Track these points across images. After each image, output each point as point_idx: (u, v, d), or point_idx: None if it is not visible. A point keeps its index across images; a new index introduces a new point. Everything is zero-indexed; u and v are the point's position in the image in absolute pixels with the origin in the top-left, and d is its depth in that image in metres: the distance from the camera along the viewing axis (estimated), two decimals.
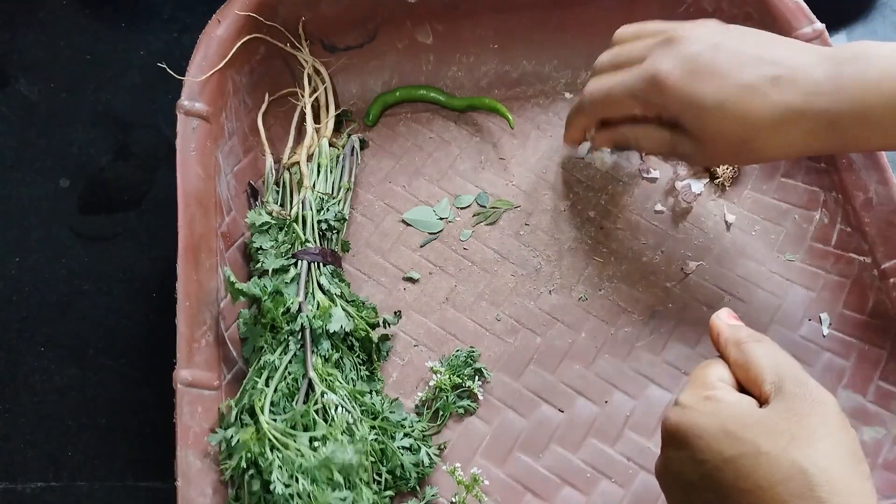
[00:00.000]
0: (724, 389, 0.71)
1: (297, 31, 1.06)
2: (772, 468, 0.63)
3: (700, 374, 0.74)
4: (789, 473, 0.63)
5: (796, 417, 0.66)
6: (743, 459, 0.65)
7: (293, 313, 0.88)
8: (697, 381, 0.73)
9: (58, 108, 1.15)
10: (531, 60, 1.14)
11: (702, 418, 0.69)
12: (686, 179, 1.06)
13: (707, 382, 0.72)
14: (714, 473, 0.67)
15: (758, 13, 1.04)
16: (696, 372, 0.75)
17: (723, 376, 0.73)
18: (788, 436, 0.65)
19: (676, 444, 0.71)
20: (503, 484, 0.90)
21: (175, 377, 0.83)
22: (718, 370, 0.74)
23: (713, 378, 0.73)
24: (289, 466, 0.79)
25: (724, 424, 0.67)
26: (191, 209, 0.90)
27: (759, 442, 0.65)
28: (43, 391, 0.99)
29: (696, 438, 0.68)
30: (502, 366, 0.96)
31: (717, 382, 0.72)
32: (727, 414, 0.68)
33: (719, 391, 0.71)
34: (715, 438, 0.67)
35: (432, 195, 1.06)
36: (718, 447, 0.67)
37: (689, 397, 0.71)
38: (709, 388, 0.72)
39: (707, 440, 0.67)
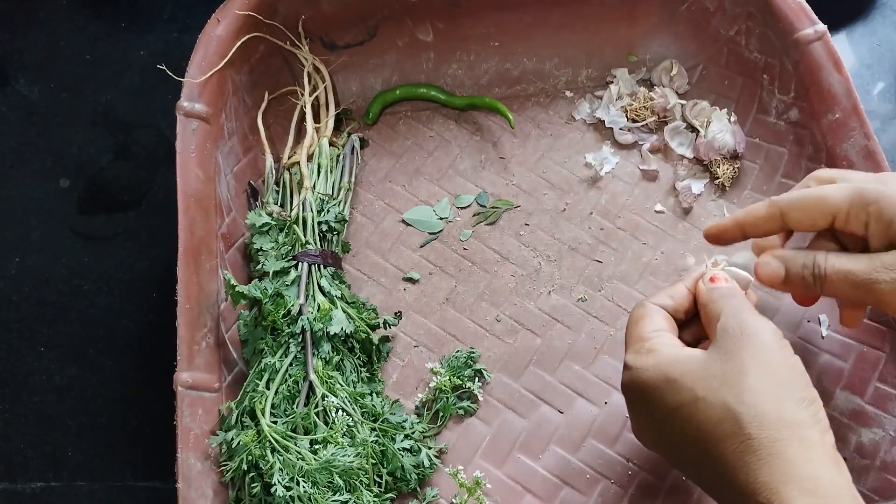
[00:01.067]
0: (660, 338, 0.74)
1: (296, 29, 1.06)
2: (708, 411, 0.66)
3: (635, 330, 0.76)
4: (722, 415, 0.65)
5: (727, 356, 0.68)
6: (684, 408, 0.67)
7: (294, 315, 0.88)
8: (634, 337, 0.76)
9: (58, 108, 1.15)
10: (532, 58, 1.13)
11: (645, 374, 0.71)
12: (686, 180, 1.06)
13: (643, 335, 0.75)
14: (666, 424, 0.69)
15: (760, 13, 1.04)
16: (630, 328, 0.77)
17: (658, 325, 0.75)
18: (720, 377, 0.67)
19: (631, 402, 0.75)
20: (503, 485, 0.90)
21: (175, 379, 0.83)
22: (653, 321, 0.76)
23: (648, 330, 0.75)
24: (290, 469, 0.79)
25: (666, 373, 0.70)
26: (191, 212, 0.90)
27: (695, 388, 0.67)
28: (43, 391, 0.99)
29: (646, 395, 0.71)
30: (502, 367, 0.96)
31: (653, 333, 0.74)
32: (666, 363, 0.70)
33: (657, 342, 0.73)
34: (659, 390, 0.70)
35: (432, 195, 1.06)
36: (663, 398, 0.69)
37: (632, 357, 0.74)
38: (646, 341, 0.74)
39: (653, 394, 0.70)
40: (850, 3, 1.23)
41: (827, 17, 1.00)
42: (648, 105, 1.10)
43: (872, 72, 1.18)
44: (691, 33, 1.12)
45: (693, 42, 1.12)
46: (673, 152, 1.09)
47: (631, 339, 0.76)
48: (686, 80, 1.12)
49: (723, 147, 1.06)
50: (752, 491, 0.62)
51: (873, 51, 1.19)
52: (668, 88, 1.12)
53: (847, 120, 0.97)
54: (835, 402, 0.93)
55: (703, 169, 1.08)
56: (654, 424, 0.73)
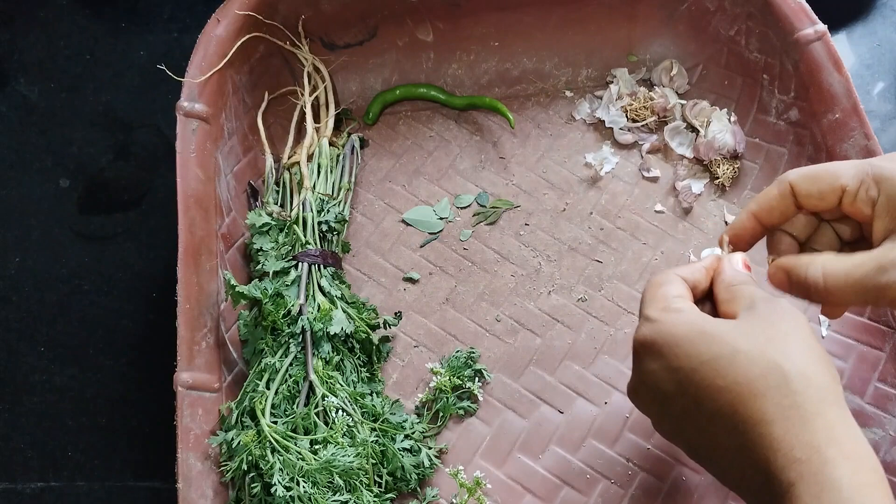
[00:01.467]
0: (686, 303, 0.72)
1: (296, 29, 1.06)
2: (750, 364, 0.65)
3: (657, 291, 0.74)
4: (767, 368, 0.64)
5: (768, 323, 0.67)
6: (720, 359, 0.66)
7: (294, 316, 0.88)
8: (656, 296, 0.74)
9: (58, 108, 1.15)
10: (532, 58, 1.13)
11: (675, 327, 0.70)
12: (686, 180, 1.06)
13: (668, 297, 0.73)
14: (691, 376, 0.67)
15: (760, 13, 1.04)
16: (652, 290, 0.75)
17: (681, 293, 0.74)
18: (764, 337, 0.66)
19: (651, 357, 0.71)
20: (503, 485, 0.90)
21: (176, 379, 0.83)
22: (676, 287, 0.74)
23: (672, 295, 0.73)
24: (290, 469, 0.79)
25: (701, 327, 0.68)
26: (191, 212, 0.90)
27: (736, 342, 0.66)
28: (43, 391, 0.99)
29: (673, 346, 0.69)
30: (502, 367, 0.96)
31: (676, 297, 0.73)
32: (700, 319, 0.69)
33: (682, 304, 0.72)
34: (691, 343, 0.68)
35: (432, 194, 1.06)
36: (696, 350, 0.68)
37: (656, 311, 0.72)
38: (671, 301, 0.72)
39: (684, 346, 0.68)
40: (850, 3, 1.23)
41: (827, 17, 1.00)
42: (648, 105, 1.10)
43: (872, 72, 1.18)
44: (691, 33, 1.12)
45: (693, 42, 1.12)
46: (673, 152, 1.09)
47: (652, 298, 0.74)
48: (686, 79, 1.12)
49: (723, 147, 1.06)
50: (789, 446, 0.61)
51: (873, 51, 1.19)
52: (668, 88, 1.12)
53: (847, 120, 0.97)
54: None
55: (703, 169, 1.08)
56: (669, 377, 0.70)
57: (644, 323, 0.72)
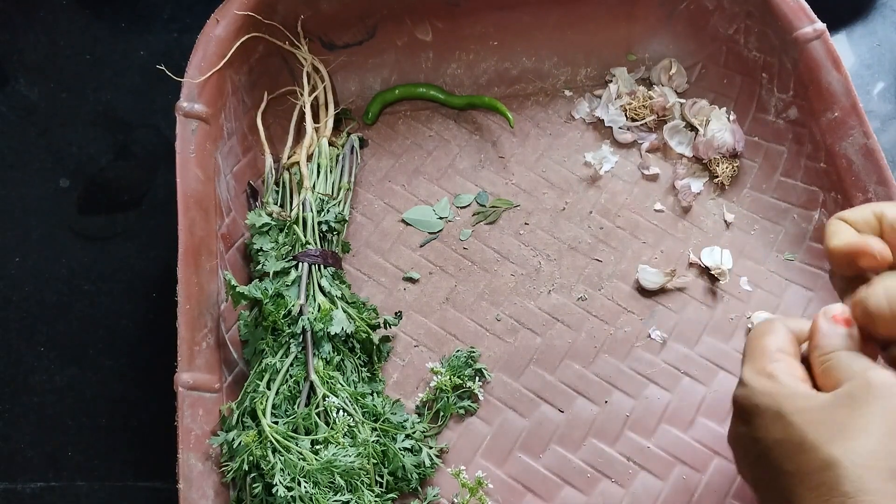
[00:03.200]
0: (784, 364, 0.70)
1: (295, 29, 1.06)
2: (811, 456, 0.63)
3: (758, 343, 0.72)
4: (824, 463, 0.62)
5: (850, 409, 0.64)
6: (788, 444, 0.65)
7: (294, 316, 0.88)
8: (757, 351, 0.71)
9: (58, 108, 1.15)
10: (531, 57, 1.13)
11: (760, 398, 0.68)
12: (686, 178, 1.06)
13: (767, 353, 0.71)
14: (767, 452, 0.66)
15: (759, 12, 1.04)
16: (754, 341, 0.72)
17: (783, 346, 0.71)
18: (837, 426, 0.63)
19: (741, 420, 0.70)
20: (504, 484, 0.90)
21: (176, 380, 0.83)
22: (778, 339, 0.72)
23: (773, 349, 0.71)
24: (291, 469, 0.79)
25: (780, 406, 0.66)
26: (191, 213, 0.90)
27: (805, 429, 0.64)
28: (43, 391, 0.99)
29: (755, 417, 0.68)
30: (502, 366, 0.96)
31: (777, 354, 0.70)
32: (784, 395, 0.67)
33: (779, 367, 0.69)
34: (770, 419, 0.66)
35: (432, 194, 1.06)
36: (772, 427, 0.66)
37: (750, 374, 0.70)
38: (768, 361, 0.70)
39: (764, 420, 0.67)
40: (850, 3, 1.23)
41: (827, 17, 1.00)
42: (647, 104, 1.10)
43: (872, 72, 1.18)
44: (690, 32, 1.12)
45: (692, 41, 1.12)
46: (672, 151, 1.09)
47: (753, 353, 0.72)
48: (685, 78, 1.12)
49: (722, 146, 1.06)
50: None
51: (873, 51, 1.19)
52: (667, 87, 1.12)
53: (846, 118, 0.97)
54: None
55: (703, 167, 1.08)
56: (751, 445, 0.69)
57: (739, 383, 0.71)
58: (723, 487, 0.89)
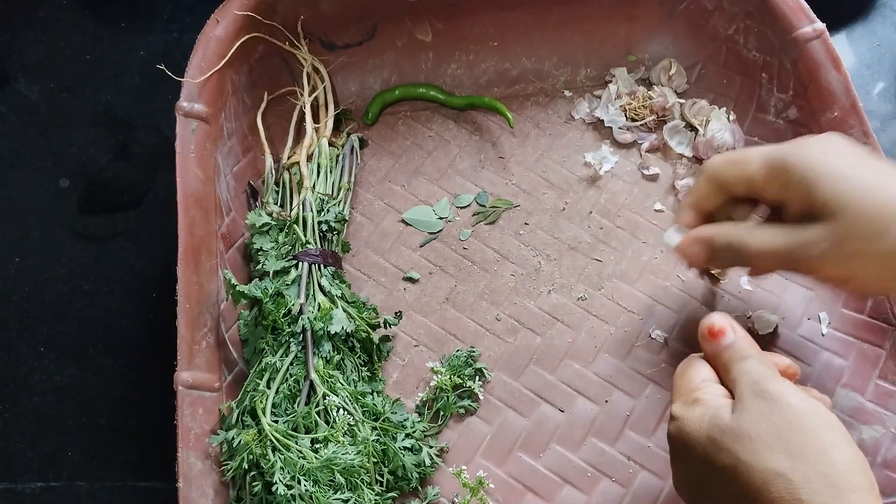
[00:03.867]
0: (709, 389, 0.73)
1: (295, 29, 1.06)
2: (752, 475, 0.64)
3: (684, 380, 0.75)
4: (769, 478, 0.63)
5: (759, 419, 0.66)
6: (728, 469, 0.66)
7: (294, 315, 0.88)
8: (682, 388, 0.75)
9: (58, 108, 1.15)
10: (531, 58, 1.14)
11: (690, 426, 0.70)
12: (685, 178, 1.06)
13: (692, 387, 0.74)
14: (709, 481, 0.68)
15: (758, 12, 1.04)
16: (678, 380, 0.76)
17: (705, 376, 0.75)
18: (760, 438, 0.65)
19: (677, 455, 0.73)
20: (504, 484, 0.90)
21: (176, 379, 0.83)
22: (701, 371, 0.75)
23: (696, 381, 0.74)
24: (291, 468, 0.79)
25: (709, 432, 0.68)
26: (191, 212, 0.90)
27: (736, 450, 0.66)
28: (43, 391, 0.99)
29: (690, 450, 0.70)
30: (502, 366, 0.96)
31: (701, 383, 0.74)
32: (709, 417, 0.69)
33: (704, 392, 0.72)
34: (703, 447, 0.68)
35: (432, 194, 1.06)
36: (707, 457, 0.68)
37: (679, 407, 0.73)
38: (694, 391, 0.73)
39: (698, 450, 0.69)
40: (850, 3, 1.23)
41: (827, 17, 1.00)
42: (647, 104, 1.10)
43: (872, 72, 1.18)
44: (690, 32, 1.12)
45: (692, 41, 1.12)
46: (672, 151, 1.09)
47: (677, 390, 0.75)
48: (685, 78, 1.12)
49: (722, 146, 1.06)
50: None
51: (873, 51, 1.19)
52: (666, 87, 1.12)
53: (846, 118, 0.97)
54: (835, 399, 0.93)
55: None
56: (697, 478, 0.71)
57: (670, 420, 0.73)
58: None
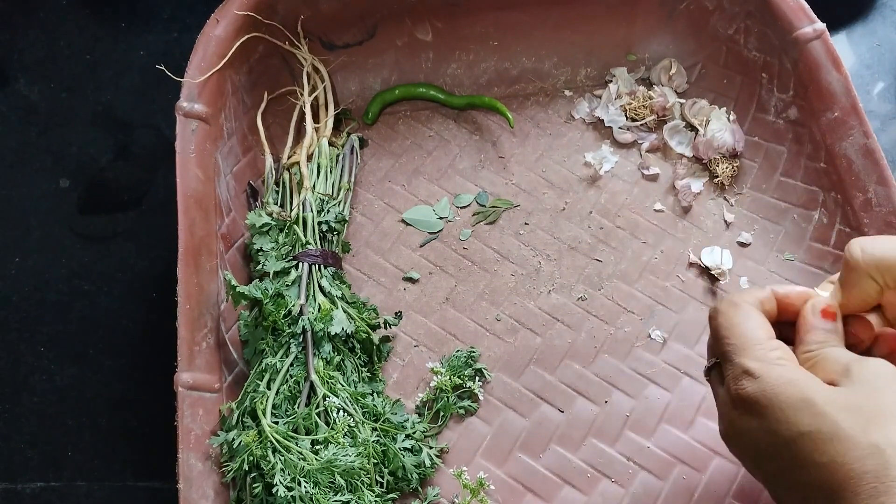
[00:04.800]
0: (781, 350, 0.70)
1: (295, 29, 1.06)
2: (849, 445, 0.62)
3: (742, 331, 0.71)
4: (866, 451, 0.62)
5: (872, 396, 0.64)
6: (821, 434, 0.64)
7: (294, 316, 0.88)
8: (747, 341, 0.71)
9: (58, 108, 1.15)
10: (531, 57, 1.13)
11: (780, 388, 0.67)
12: (685, 178, 1.06)
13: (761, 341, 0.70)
14: (790, 445, 0.65)
15: (759, 12, 1.04)
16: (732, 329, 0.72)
17: (769, 331, 0.71)
18: (868, 414, 0.63)
19: (750, 415, 0.69)
20: (504, 484, 0.90)
21: (176, 380, 0.83)
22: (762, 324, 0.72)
23: (762, 336, 0.71)
24: (291, 469, 0.79)
25: (805, 393, 0.66)
26: (191, 212, 0.90)
27: (839, 418, 0.63)
28: (43, 391, 0.99)
29: (776, 410, 0.67)
30: (502, 366, 0.96)
31: (771, 341, 0.70)
32: (804, 381, 0.67)
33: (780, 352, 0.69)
34: (795, 410, 0.65)
35: (432, 194, 1.06)
36: (798, 419, 0.65)
37: (758, 364, 0.69)
38: (768, 349, 0.70)
39: (787, 412, 0.66)
40: (850, 3, 1.23)
41: (827, 17, 1.00)
42: (647, 104, 1.10)
43: (872, 72, 1.18)
44: (690, 32, 1.12)
45: (692, 41, 1.12)
46: (672, 151, 1.09)
47: (742, 343, 0.71)
48: (685, 78, 1.12)
49: (722, 146, 1.06)
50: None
51: (873, 51, 1.19)
52: (667, 87, 1.12)
53: (846, 118, 0.98)
54: None
55: (703, 168, 1.08)
56: (770, 440, 0.68)
57: (744, 377, 0.69)
58: (723, 487, 0.89)
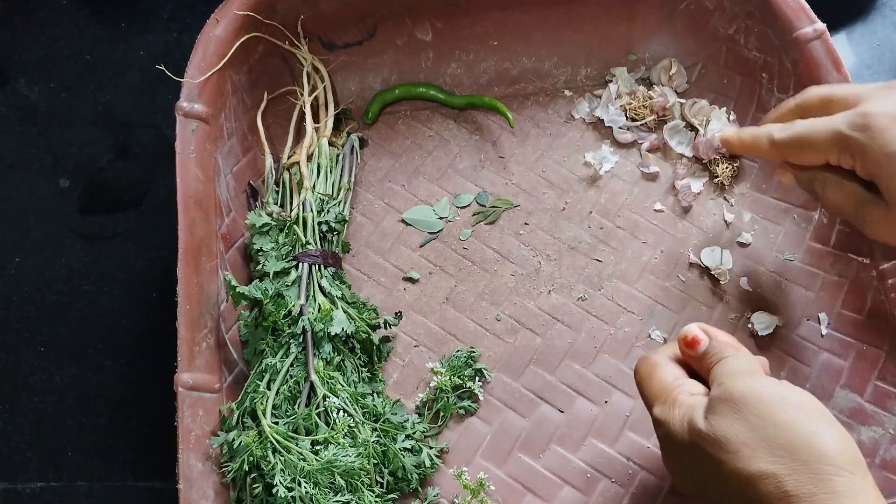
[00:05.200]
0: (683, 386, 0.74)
1: (295, 28, 1.06)
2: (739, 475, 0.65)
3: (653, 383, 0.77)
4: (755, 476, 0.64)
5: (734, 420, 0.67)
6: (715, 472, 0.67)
7: (294, 316, 0.88)
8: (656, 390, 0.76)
9: (58, 108, 1.15)
10: (531, 57, 1.13)
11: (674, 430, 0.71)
12: (685, 178, 1.06)
13: (666, 385, 0.75)
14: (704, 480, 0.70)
15: (759, 12, 1.04)
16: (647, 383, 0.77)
17: (674, 372, 0.77)
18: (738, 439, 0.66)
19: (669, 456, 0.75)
20: (504, 484, 0.90)
21: (176, 380, 0.83)
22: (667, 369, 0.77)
23: (670, 379, 0.76)
24: (291, 469, 0.79)
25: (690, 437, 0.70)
26: (191, 213, 0.90)
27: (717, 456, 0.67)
28: (43, 391, 0.99)
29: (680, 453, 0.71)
30: (502, 366, 0.96)
31: (674, 381, 0.75)
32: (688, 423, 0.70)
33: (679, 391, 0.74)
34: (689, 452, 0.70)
35: (432, 194, 1.06)
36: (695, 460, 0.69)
37: (660, 410, 0.74)
38: (671, 391, 0.74)
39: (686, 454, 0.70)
40: (850, 3, 1.23)
41: (827, 17, 1.00)
42: (647, 104, 1.10)
43: (872, 72, 1.18)
44: (690, 32, 1.12)
45: (692, 41, 1.12)
46: (672, 151, 1.09)
47: (653, 392, 0.76)
48: (685, 78, 1.12)
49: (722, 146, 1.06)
50: None
51: (873, 51, 1.19)
52: (667, 87, 1.12)
53: None
54: (834, 400, 0.93)
55: (703, 167, 1.08)
56: (693, 478, 0.72)
57: (655, 425, 0.75)
58: None
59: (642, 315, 0.99)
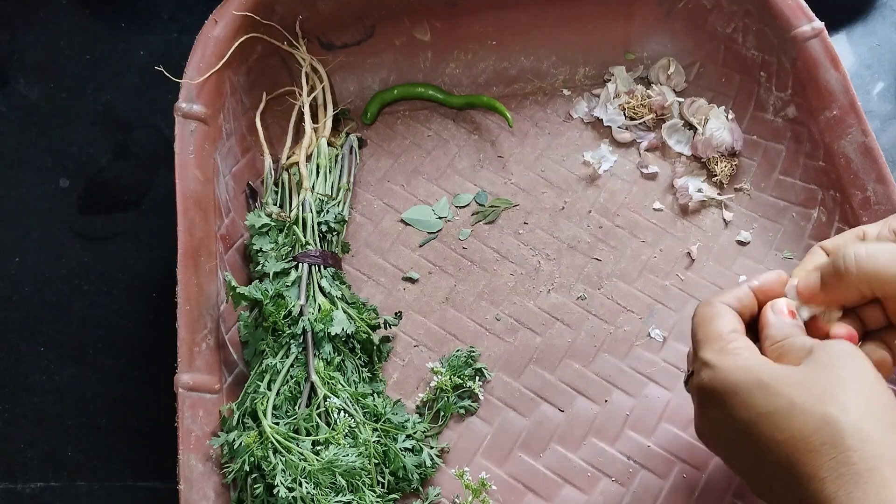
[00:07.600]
0: (741, 341, 0.72)
1: (294, 29, 1.06)
2: (806, 418, 0.64)
3: (709, 328, 0.74)
4: (821, 423, 0.63)
5: (827, 370, 0.66)
6: (778, 413, 0.65)
7: (294, 316, 0.88)
8: (710, 335, 0.73)
9: (58, 108, 1.15)
10: (529, 57, 1.14)
11: (734, 374, 0.69)
12: (684, 177, 1.06)
13: (723, 335, 0.72)
14: (750, 428, 0.67)
15: (757, 11, 1.04)
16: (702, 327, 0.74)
17: (733, 325, 0.73)
18: (821, 387, 0.65)
19: (712, 404, 0.71)
20: (504, 483, 0.90)
21: (176, 381, 0.83)
22: (726, 320, 0.74)
23: (726, 330, 0.73)
24: (292, 470, 0.79)
25: (758, 376, 0.67)
26: (190, 213, 0.90)
27: (793, 395, 0.65)
28: (43, 391, 0.99)
29: (732, 396, 0.68)
30: (502, 365, 0.96)
31: (732, 334, 0.72)
32: (758, 366, 0.68)
33: (739, 343, 0.71)
34: (750, 393, 0.67)
35: (431, 194, 1.06)
36: (754, 401, 0.67)
37: (714, 355, 0.71)
38: (727, 341, 0.72)
39: (743, 396, 0.68)
40: (850, 3, 1.23)
41: (827, 17, 1.00)
42: (646, 103, 1.10)
43: (872, 72, 1.18)
44: (688, 31, 1.12)
45: (690, 39, 1.12)
46: (671, 150, 1.09)
47: (706, 338, 0.73)
48: (683, 77, 1.12)
49: (720, 144, 1.06)
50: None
51: (873, 51, 1.19)
52: (665, 86, 1.12)
53: (844, 117, 0.98)
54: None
55: (701, 166, 1.08)
56: (732, 426, 0.69)
57: (703, 368, 0.72)
58: (723, 485, 0.89)
59: (642, 314, 0.99)
